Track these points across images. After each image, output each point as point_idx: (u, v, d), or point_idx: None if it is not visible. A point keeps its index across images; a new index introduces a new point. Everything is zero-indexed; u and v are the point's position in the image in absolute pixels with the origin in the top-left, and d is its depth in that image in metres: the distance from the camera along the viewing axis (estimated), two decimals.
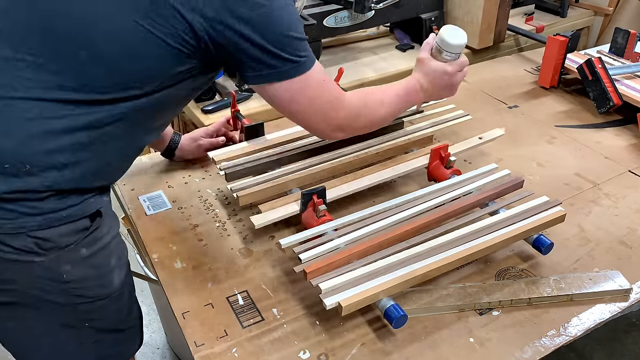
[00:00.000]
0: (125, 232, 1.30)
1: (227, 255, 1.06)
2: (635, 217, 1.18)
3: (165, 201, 1.20)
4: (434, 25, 2.03)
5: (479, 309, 0.95)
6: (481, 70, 1.85)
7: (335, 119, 0.94)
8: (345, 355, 0.87)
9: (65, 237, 0.81)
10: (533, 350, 0.88)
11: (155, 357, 1.82)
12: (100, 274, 0.87)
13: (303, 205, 1.06)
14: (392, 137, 1.29)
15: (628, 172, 1.33)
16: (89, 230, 0.84)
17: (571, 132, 1.49)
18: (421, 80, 1.09)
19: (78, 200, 0.82)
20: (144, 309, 1.96)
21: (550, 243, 1.01)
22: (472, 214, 1.06)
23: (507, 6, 1.99)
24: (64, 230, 0.80)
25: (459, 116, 1.39)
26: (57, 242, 0.80)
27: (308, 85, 0.87)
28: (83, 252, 0.83)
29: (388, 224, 1.01)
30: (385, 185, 1.24)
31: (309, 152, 1.22)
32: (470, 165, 1.34)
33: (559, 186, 1.27)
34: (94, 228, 0.84)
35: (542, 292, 0.96)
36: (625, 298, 0.98)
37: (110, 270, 0.88)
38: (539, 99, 1.67)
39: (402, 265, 0.92)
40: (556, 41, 1.62)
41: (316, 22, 1.72)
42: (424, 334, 0.90)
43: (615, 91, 1.53)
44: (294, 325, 0.92)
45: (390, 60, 1.97)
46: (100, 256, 0.86)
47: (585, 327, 0.92)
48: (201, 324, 0.92)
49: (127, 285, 0.95)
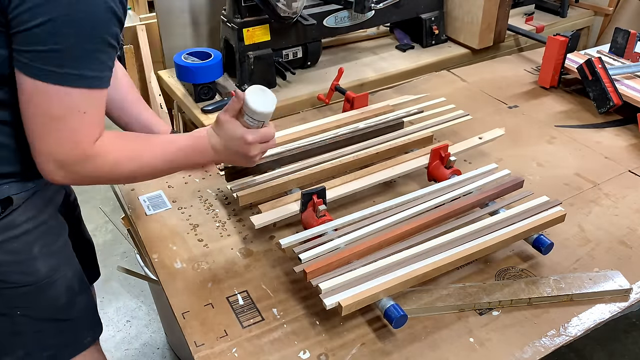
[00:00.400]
0: (126, 232, 1.30)
1: (227, 255, 1.06)
2: (635, 217, 1.18)
3: (165, 201, 1.20)
4: (434, 26, 2.03)
5: (479, 309, 0.95)
6: (481, 70, 1.85)
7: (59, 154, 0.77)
8: (345, 355, 0.87)
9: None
10: (533, 350, 0.88)
11: (155, 357, 1.82)
12: (19, 260, 0.87)
13: (303, 205, 1.06)
14: (392, 137, 1.29)
15: (628, 172, 1.33)
16: (1, 216, 0.83)
17: (571, 132, 1.49)
18: (213, 140, 0.92)
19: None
20: (144, 309, 1.98)
21: (550, 243, 1.01)
22: (472, 214, 1.07)
23: (507, 6, 1.99)
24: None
25: (459, 116, 1.39)
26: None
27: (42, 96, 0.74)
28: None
29: (388, 224, 1.02)
30: (385, 185, 1.24)
31: (308, 152, 1.22)
32: (470, 165, 1.34)
33: (559, 186, 1.27)
34: (5, 214, 0.84)
35: (542, 292, 0.96)
36: (625, 298, 0.98)
37: (32, 257, 0.88)
38: (539, 99, 1.67)
39: (402, 265, 0.92)
40: (556, 41, 1.62)
41: (316, 22, 1.72)
42: (424, 334, 0.90)
43: (615, 91, 1.53)
44: (294, 325, 0.92)
45: (390, 60, 1.97)
46: (18, 243, 0.86)
47: (585, 327, 0.92)
48: (201, 324, 0.92)
49: (62, 274, 0.93)
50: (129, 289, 2.01)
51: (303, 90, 1.74)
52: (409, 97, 1.52)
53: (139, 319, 1.92)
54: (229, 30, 1.67)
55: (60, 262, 0.93)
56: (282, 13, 1.57)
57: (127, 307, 1.96)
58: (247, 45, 1.64)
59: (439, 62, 1.98)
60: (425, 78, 1.81)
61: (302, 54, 1.82)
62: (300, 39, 1.77)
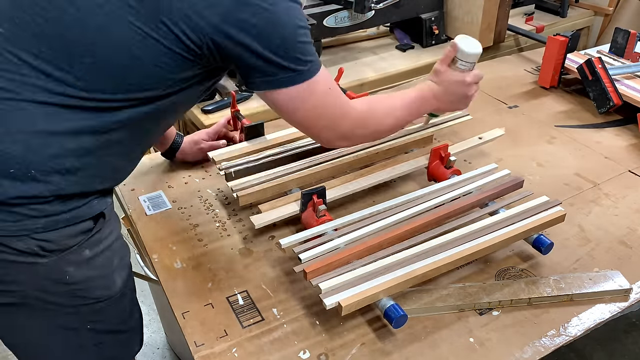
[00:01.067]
0: (125, 232, 1.30)
1: (227, 255, 1.06)
2: (635, 217, 1.18)
3: (165, 201, 1.20)
4: (434, 26, 2.03)
5: (479, 309, 0.95)
6: (481, 70, 1.85)
7: (340, 127, 0.91)
8: (345, 355, 0.87)
9: (69, 239, 0.80)
10: (533, 350, 0.88)
11: (155, 357, 1.82)
12: (103, 275, 0.86)
13: (303, 205, 1.06)
14: (392, 137, 1.29)
15: (628, 172, 1.33)
16: (92, 232, 0.83)
17: (571, 132, 1.49)
18: (434, 88, 1.05)
19: (81, 203, 0.81)
20: (144, 309, 1.97)
21: (550, 243, 1.01)
22: (472, 214, 1.06)
23: (507, 6, 1.99)
24: (67, 232, 0.80)
25: (459, 116, 1.39)
26: (61, 244, 0.79)
27: (312, 93, 0.84)
28: (86, 253, 0.83)
29: (388, 224, 1.01)
30: (385, 185, 1.24)
31: (309, 152, 1.22)
32: (470, 165, 1.34)
33: (559, 186, 1.27)
34: (97, 230, 0.84)
35: (542, 292, 0.96)
36: (625, 298, 0.98)
37: (112, 271, 0.88)
38: (539, 99, 1.67)
39: (402, 265, 0.92)
40: (556, 41, 1.62)
41: (316, 22, 1.72)
42: (424, 334, 0.90)
43: (615, 91, 1.53)
44: (294, 325, 0.92)
45: (390, 60, 1.97)
46: (103, 257, 0.85)
47: (585, 327, 0.92)
48: (201, 324, 0.92)
49: (129, 286, 0.94)
50: None
51: None
52: None
53: None
54: None
55: (129, 273, 0.94)
56: None
57: None
58: None
59: None
60: (425, 78, 1.81)
61: None
62: None
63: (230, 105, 1.36)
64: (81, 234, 0.82)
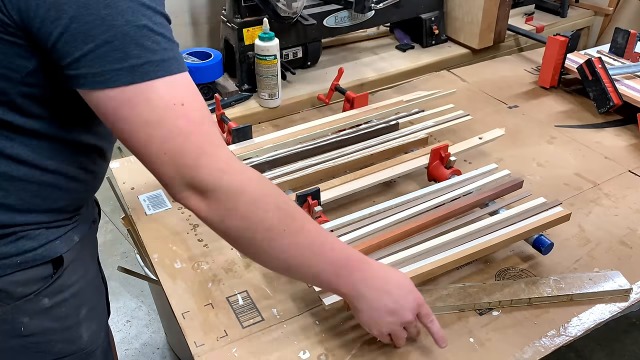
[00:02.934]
0: (125, 232, 1.30)
1: (227, 255, 1.06)
2: (635, 217, 1.18)
3: (165, 200, 1.20)
4: (434, 26, 2.03)
5: (479, 309, 0.95)
6: (481, 70, 1.85)
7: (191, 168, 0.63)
8: (345, 355, 0.87)
9: (22, 287, 0.69)
10: (533, 351, 0.88)
11: (155, 357, 1.82)
12: (66, 327, 0.75)
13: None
14: (392, 137, 1.29)
15: (628, 172, 1.33)
16: (53, 278, 0.71)
17: (571, 132, 1.49)
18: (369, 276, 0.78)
19: (36, 244, 0.69)
20: (144, 309, 1.98)
21: (550, 243, 1.01)
22: (472, 214, 1.07)
23: (507, 6, 1.99)
24: (19, 277, 0.68)
25: (459, 116, 1.39)
26: (12, 292, 0.68)
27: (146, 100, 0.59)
28: (45, 302, 0.71)
29: (388, 224, 1.01)
30: (385, 185, 1.24)
31: (305, 153, 1.22)
32: (470, 165, 1.34)
33: (559, 186, 1.27)
34: (58, 275, 0.72)
35: (542, 292, 0.96)
36: (625, 298, 0.98)
37: (78, 322, 0.77)
38: (539, 99, 1.67)
39: (402, 265, 0.92)
40: (556, 41, 1.62)
41: (316, 22, 1.72)
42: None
43: (615, 91, 1.52)
44: (293, 325, 0.92)
45: (390, 60, 1.97)
46: (67, 307, 0.74)
47: (585, 327, 0.92)
48: (201, 324, 0.92)
49: (100, 342, 0.83)
50: (129, 289, 2.01)
51: (303, 90, 1.74)
52: (422, 92, 1.52)
53: (139, 319, 1.92)
54: (229, 30, 1.67)
55: (100, 326, 0.83)
56: (282, 13, 1.57)
57: (127, 307, 1.95)
58: (247, 45, 1.64)
59: (439, 62, 1.97)
60: (425, 78, 1.81)
61: (302, 54, 1.82)
62: (300, 39, 1.77)
63: (215, 109, 1.36)
64: (38, 281, 0.70)
